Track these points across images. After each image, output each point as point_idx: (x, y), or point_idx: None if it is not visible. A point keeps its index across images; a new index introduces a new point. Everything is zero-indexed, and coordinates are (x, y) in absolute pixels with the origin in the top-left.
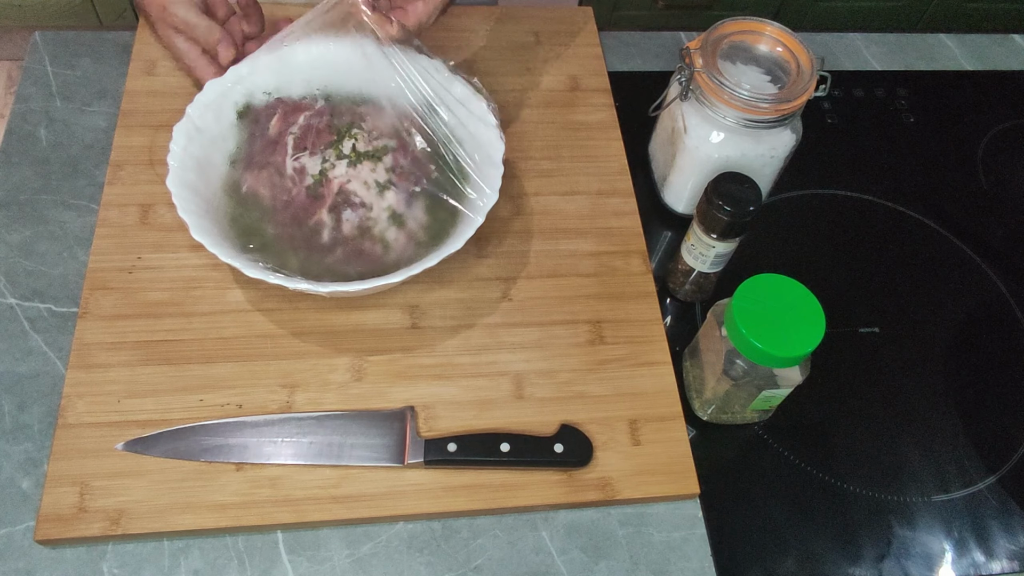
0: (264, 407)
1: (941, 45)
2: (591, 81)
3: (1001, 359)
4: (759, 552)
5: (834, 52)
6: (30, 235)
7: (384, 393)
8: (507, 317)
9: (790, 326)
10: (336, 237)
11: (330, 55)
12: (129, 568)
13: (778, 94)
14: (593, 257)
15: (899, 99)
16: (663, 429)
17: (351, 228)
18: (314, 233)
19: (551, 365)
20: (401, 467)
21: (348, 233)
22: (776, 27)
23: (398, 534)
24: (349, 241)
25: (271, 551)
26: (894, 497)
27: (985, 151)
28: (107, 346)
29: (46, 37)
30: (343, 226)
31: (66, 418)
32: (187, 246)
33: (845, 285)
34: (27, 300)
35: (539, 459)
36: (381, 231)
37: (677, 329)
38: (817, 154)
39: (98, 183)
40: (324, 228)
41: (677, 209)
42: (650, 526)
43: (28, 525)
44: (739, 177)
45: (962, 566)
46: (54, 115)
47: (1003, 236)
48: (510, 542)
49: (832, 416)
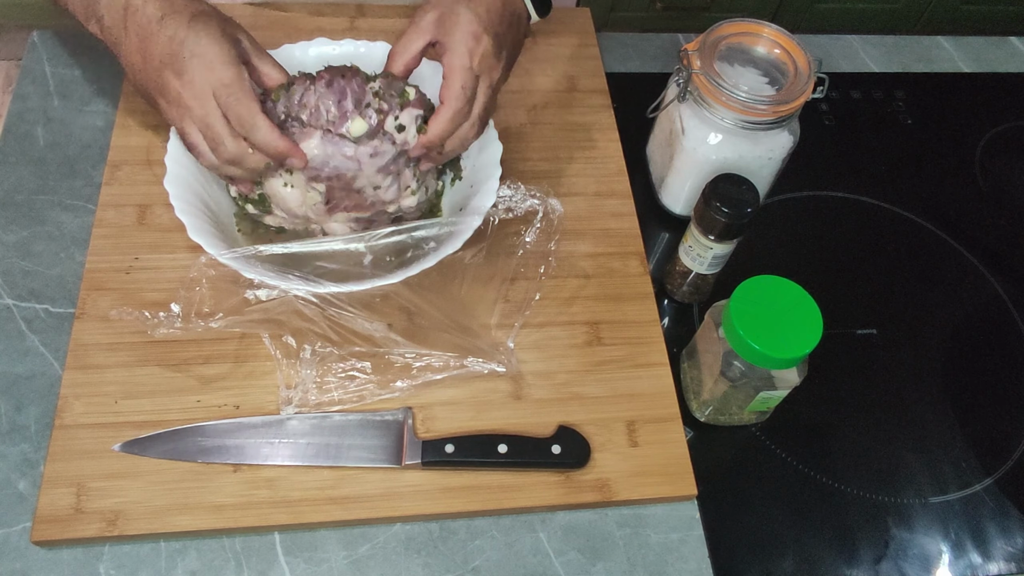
0: (261, 408)
1: (938, 47)
2: (589, 82)
3: (998, 361)
4: (756, 553)
5: (832, 54)
6: (27, 235)
7: (382, 394)
8: (504, 318)
9: (788, 328)
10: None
11: (330, 55)
12: (126, 569)
13: (776, 96)
14: (591, 258)
15: (896, 101)
16: (661, 430)
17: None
18: (312, 234)
19: (549, 366)
20: (399, 468)
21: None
22: (774, 29)
23: (396, 535)
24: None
25: (268, 552)
26: (891, 499)
27: (982, 153)
28: (104, 347)
29: (44, 36)
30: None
31: (63, 419)
32: (185, 247)
33: (843, 287)
34: (24, 300)
35: (537, 460)
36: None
37: (675, 330)
38: (815, 156)
39: (95, 183)
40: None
41: (675, 210)
42: (648, 527)
43: (25, 526)
44: (737, 179)
45: (959, 568)
46: (52, 115)
47: (1000, 238)
48: (508, 543)
49: (829, 418)
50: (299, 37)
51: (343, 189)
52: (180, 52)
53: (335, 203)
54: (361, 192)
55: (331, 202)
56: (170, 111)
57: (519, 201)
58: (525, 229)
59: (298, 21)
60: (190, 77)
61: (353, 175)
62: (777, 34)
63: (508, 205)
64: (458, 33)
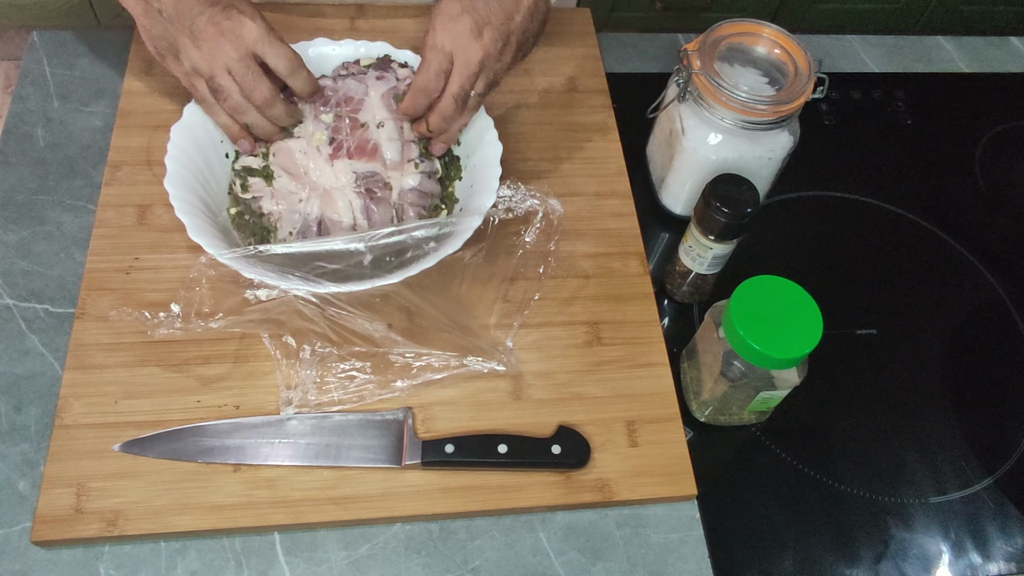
0: (261, 408)
1: (938, 47)
2: (589, 82)
3: (998, 361)
4: (756, 554)
5: (831, 54)
6: (27, 235)
7: (382, 394)
8: (504, 318)
9: (788, 328)
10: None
11: (330, 55)
12: (126, 569)
13: (776, 96)
14: (591, 258)
15: (896, 101)
16: (661, 430)
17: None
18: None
19: (549, 366)
20: (399, 468)
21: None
22: (774, 29)
23: (395, 535)
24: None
25: (268, 552)
26: (891, 499)
27: (982, 153)
28: (104, 347)
29: (44, 37)
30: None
31: (63, 419)
32: (185, 247)
33: (843, 287)
34: (24, 301)
35: (537, 460)
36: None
37: (675, 331)
38: (815, 156)
39: (95, 183)
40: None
41: (675, 211)
42: (647, 527)
43: (24, 526)
44: (737, 179)
45: (959, 568)
46: (51, 115)
47: (1000, 238)
48: (508, 543)
49: (829, 418)
50: (299, 37)
51: (348, 119)
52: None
53: (339, 143)
54: (366, 128)
55: (335, 141)
56: (198, 56)
57: (519, 201)
58: (525, 229)
59: (298, 21)
60: (231, 25)
61: (360, 100)
62: (777, 34)
63: (508, 205)
64: (437, 17)
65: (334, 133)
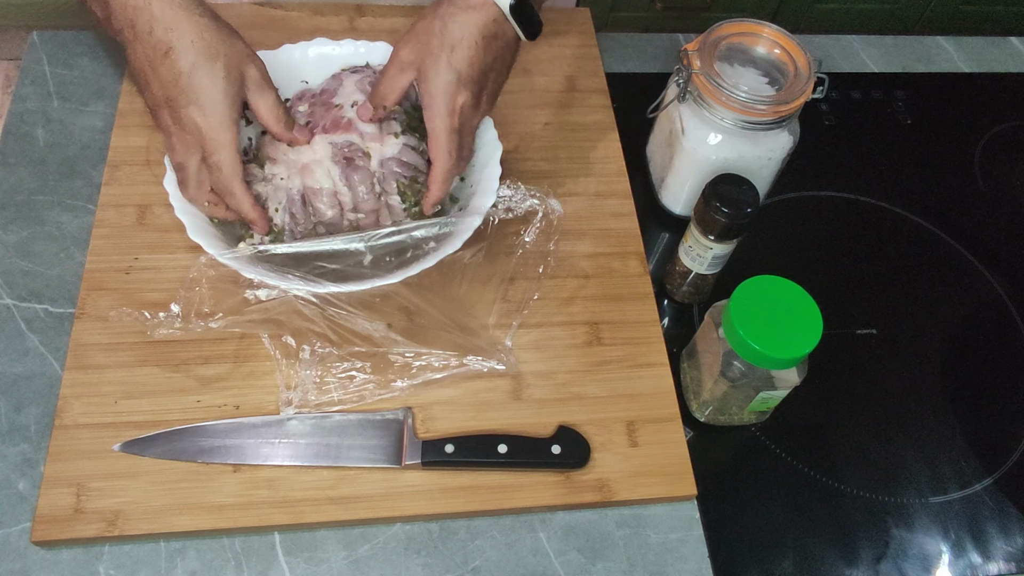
0: (261, 408)
1: (938, 47)
2: (589, 82)
3: (998, 361)
4: (756, 554)
5: (831, 54)
6: (27, 235)
7: (382, 394)
8: (503, 318)
9: (787, 328)
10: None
11: (330, 55)
12: (126, 569)
13: (776, 96)
14: (591, 258)
15: (896, 101)
16: (661, 431)
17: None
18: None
19: (549, 366)
20: (399, 468)
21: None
22: (774, 29)
23: (395, 535)
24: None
25: (268, 552)
26: (891, 498)
27: (982, 153)
28: (104, 347)
29: (44, 37)
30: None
31: (63, 419)
32: (184, 247)
33: (842, 287)
34: (24, 301)
35: (536, 460)
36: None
37: (675, 331)
38: (814, 156)
39: (95, 183)
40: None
41: (675, 211)
42: (647, 527)
43: (24, 526)
44: (737, 179)
45: (959, 567)
46: (51, 115)
47: (1000, 238)
48: (508, 543)
49: (829, 418)
50: (299, 37)
51: (323, 105)
52: (178, 98)
53: (314, 123)
54: (340, 108)
55: (311, 122)
56: (160, 131)
57: (519, 201)
58: (524, 229)
59: (298, 21)
60: (181, 125)
61: (334, 90)
62: (777, 34)
63: (508, 205)
64: (439, 95)
65: (309, 118)
